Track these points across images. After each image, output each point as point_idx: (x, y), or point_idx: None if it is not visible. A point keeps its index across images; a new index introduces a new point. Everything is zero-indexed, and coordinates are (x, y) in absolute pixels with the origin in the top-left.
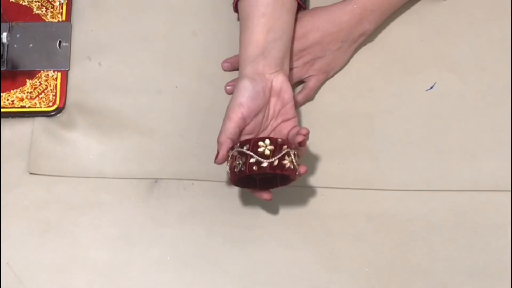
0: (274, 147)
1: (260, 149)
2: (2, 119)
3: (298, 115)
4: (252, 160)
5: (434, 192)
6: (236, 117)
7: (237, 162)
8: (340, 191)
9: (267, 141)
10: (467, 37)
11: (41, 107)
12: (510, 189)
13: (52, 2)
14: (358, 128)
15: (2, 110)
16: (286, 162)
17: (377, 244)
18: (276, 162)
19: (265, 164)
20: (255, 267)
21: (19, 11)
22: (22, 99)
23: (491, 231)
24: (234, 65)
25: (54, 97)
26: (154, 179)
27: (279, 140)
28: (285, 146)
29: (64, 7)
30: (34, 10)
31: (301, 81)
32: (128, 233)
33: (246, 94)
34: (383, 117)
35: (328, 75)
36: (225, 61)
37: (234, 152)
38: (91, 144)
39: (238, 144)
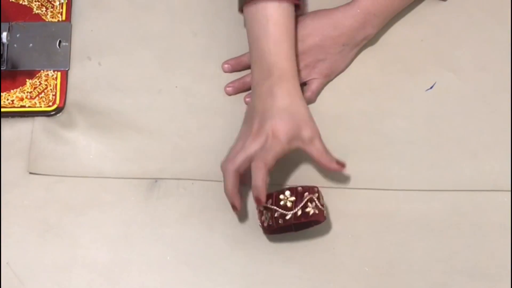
0: (295, 197)
1: (282, 202)
2: (2, 119)
3: None
4: (276, 214)
5: (434, 192)
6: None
7: (264, 217)
8: (340, 191)
9: (287, 193)
10: (467, 37)
11: (41, 106)
12: (510, 189)
13: (52, 2)
14: (358, 128)
15: (2, 110)
16: (310, 209)
17: (377, 244)
18: (299, 212)
19: (288, 216)
20: (255, 267)
21: (19, 10)
22: (22, 99)
23: (491, 231)
24: (234, 67)
25: (54, 97)
26: (154, 179)
27: (299, 188)
28: (306, 193)
29: (64, 6)
30: (34, 9)
31: (302, 84)
32: (128, 233)
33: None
34: (383, 117)
35: (330, 78)
36: (225, 62)
37: (260, 207)
38: (91, 144)
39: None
